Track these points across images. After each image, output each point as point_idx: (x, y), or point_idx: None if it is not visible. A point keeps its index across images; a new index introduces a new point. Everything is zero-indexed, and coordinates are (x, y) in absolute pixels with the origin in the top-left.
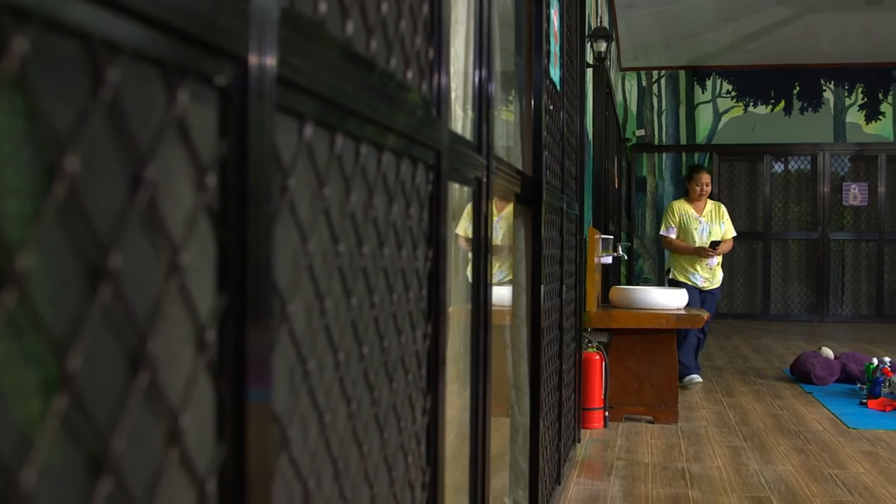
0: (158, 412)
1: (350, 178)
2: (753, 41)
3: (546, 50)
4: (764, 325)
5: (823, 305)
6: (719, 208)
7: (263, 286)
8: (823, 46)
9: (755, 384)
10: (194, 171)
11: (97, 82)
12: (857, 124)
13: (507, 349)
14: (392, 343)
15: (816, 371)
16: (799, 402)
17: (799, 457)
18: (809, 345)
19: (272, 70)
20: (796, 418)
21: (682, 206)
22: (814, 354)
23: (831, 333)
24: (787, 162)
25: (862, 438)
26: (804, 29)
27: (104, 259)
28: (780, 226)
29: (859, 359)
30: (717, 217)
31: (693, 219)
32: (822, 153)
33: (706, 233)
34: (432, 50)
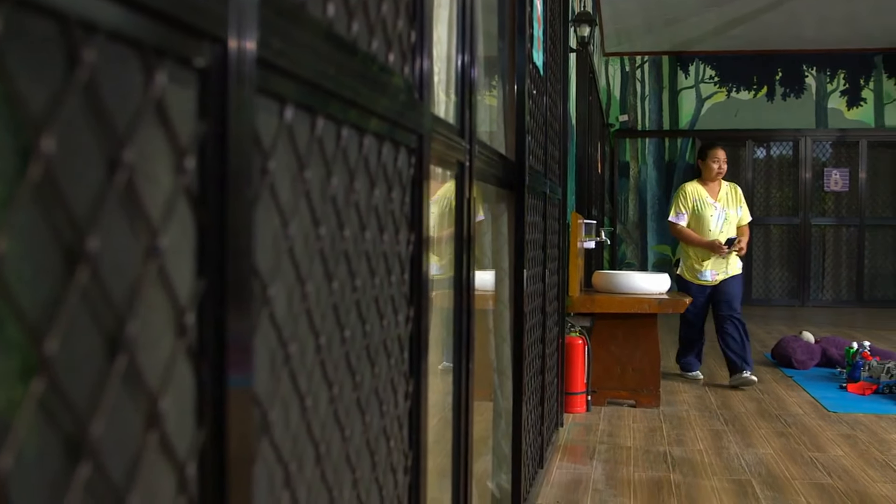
0: (137, 396)
1: (331, 161)
2: (736, 27)
3: (529, 34)
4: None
5: (804, 290)
6: (735, 191)
7: (244, 269)
8: (806, 32)
9: None
10: (173, 153)
11: (73, 63)
12: (839, 110)
13: (490, 333)
14: (374, 327)
15: (797, 355)
16: (780, 386)
17: (779, 440)
18: (790, 329)
19: (252, 52)
20: (777, 402)
21: (696, 189)
22: (794, 339)
23: (812, 318)
24: (769, 147)
25: (842, 422)
26: (787, 15)
27: (81, 242)
28: (762, 211)
29: (839, 343)
30: (735, 201)
31: (707, 204)
32: (804, 139)
33: (722, 219)
34: (415, 33)
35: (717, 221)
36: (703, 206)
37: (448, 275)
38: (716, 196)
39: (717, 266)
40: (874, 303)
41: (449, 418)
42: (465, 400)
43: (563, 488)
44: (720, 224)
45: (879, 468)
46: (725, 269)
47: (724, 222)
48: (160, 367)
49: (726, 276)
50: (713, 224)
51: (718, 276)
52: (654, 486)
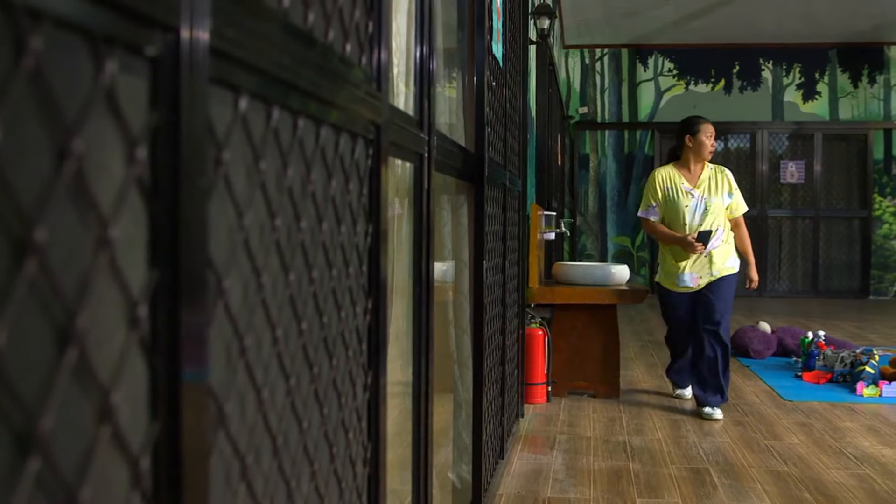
0: (89, 390)
1: (287, 152)
2: (695, 20)
3: (489, 26)
4: None
5: (761, 281)
6: (722, 175)
7: (198, 261)
8: (763, 26)
9: None
10: (124, 142)
11: (20, 51)
12: (795, 103)
13: (450, 325)
14: (332, 318)
15: (754, 345)
16: (737, 375)
17: (737, 429)
18: (747, 319)
19: (205, 41)
20: (734, 391)
21: (669, 175)
22: (751, 329)
23: (769, 308)
24: (727, 140)
25: (797, 410)
26: (744, 9)
27: (30, 233)
28: None
29: (795, 333)
30: (720, 186)
31: (682, 191)
32: (761, 131)
33: (701, 210)
34: (372, 24)
35: (693, 212)
36: (676, 195)
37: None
38: (695, 182)
39: (697, 267)
40: (829, 293)
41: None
42: (425, 391)
43: (523, 478)
44: (698, 215)
45: (834, 455)
46: (710, 270)
47: (705, 214)
48: (112, 360)
49: (711, 279)
50: (689, 215)
51: (701, 279)
52: (614, 475)
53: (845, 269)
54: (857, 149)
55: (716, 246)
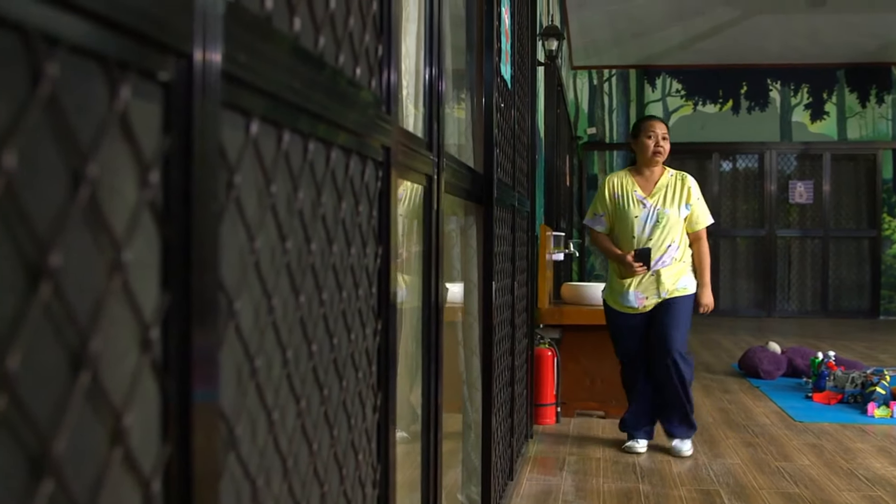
0: (101, 412)
1: (298, 174)
2: (702, 41)
3: (497, 48)
4: (712, 321)
5: (770, 301)
6: (683, 182)
7: (209, 284)
8: (770, 47)
9: (704, 379)
10: (137, 167)
11: (36, 77)
12: (803, 123)
13: (460, 346)
14: (342, 340)
15: (764, 366)
16: (747, 396)
17: (747, 450)
18: (757, 340)
19: (217, 66)
20: (744, 412)
21: (622, 181)
22: (761, 349)
23: (778, 328)
24: (735, 160)
25: (808, 431)
26: (751, 30)
27: (44, 257)
28: (729, 223)
29: (805, 353)
30: (677, 196)
31: (633, 200)
32: (769, 152)
33: (651, 222)
34: (382, 47)
35: (643, 224)
36: (626, 204)
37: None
38: (649, 189)
39: (644, 286)
40: (839, 313)
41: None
42: (435, 412)
43: (533, 500)
44: (648, 228)
45: (845, 477)
46: (657, 291)
47: (657, 227)
48: (125, 382)
49: (659, 301)
50: (637, 227)
51: (648, 300)
52: (624, 496)
53: (855, 289)
54: (865, 168)
55: (666, 264)
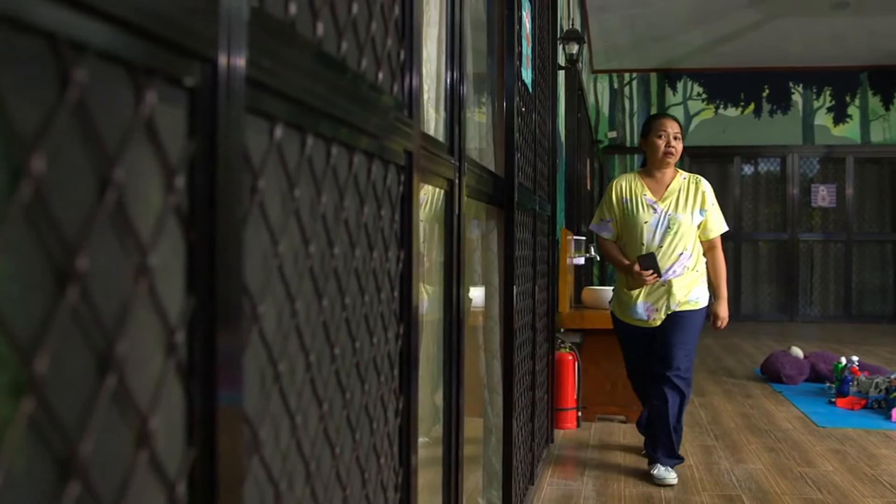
0: (127, 415)
1: (321, 179)
2: (723, 44)
3: (518, 52)
4: (734, 325)
5: (793, 305)
6: (697, 185)
7: (233, 287)
8: (792, 50)
9: (726, 384)
10: (163, 171)
11: (64, 83)
12: (826, 127)
13: (481, 350)
14: (364, 344)
15: (786, 370)
16: (769, 401)
17: (769, 455)
18: (779, 344)
19: (241, 71)
20: (767, 417)
21: (631, 184)
22: (784, 354)
23: (801, 333)
24: (756, 164)
25: (831, 437)
26: (773, 32)
27: (72, 261)
28: (751, 227)
29: (828, 358)
30: (690, 200)
31: (643, 205)
32: (792, 155)
33: (663, 229)
34: (404, 51)
35: (653, 231)
36: (635, 208)
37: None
38: (660, 193)
39: (654, 297)
40: (862, 318)
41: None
42: (456, 416)
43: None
44: (658, 235)
45: (869, 483)
46: (667, 303)
47: (668, 233)
48: (150, 385)
49: (668, 314)
50: (647, 234)
51: (657, 312)
52: (645, 501)
53: (878, 293)
54: (889, 171)
55: (678, 273)
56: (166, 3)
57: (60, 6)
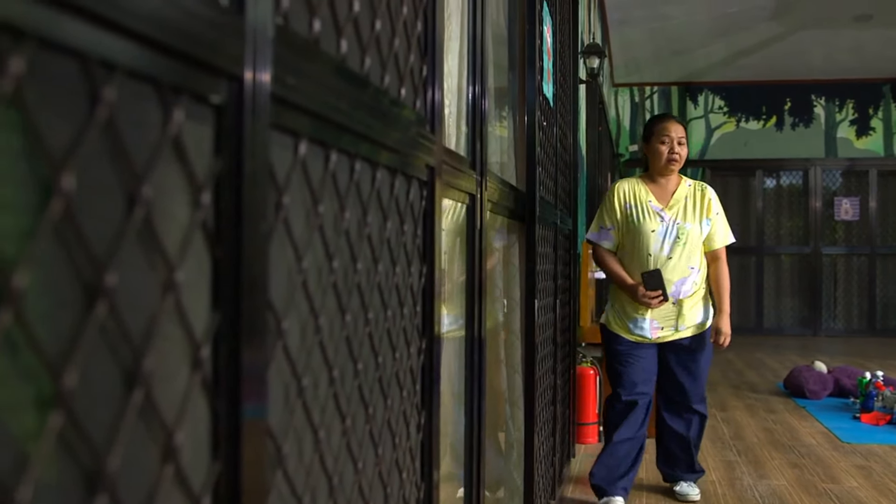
0: (154, 429)
1: (344, 194)
2: (745, 57)
3: (539, 67)
4: (757, 340)
5: (816, 320)
6: (703, 193)
7: (258, 303)
8: (814, 62)
9: (749, 398)
10: (190, 188)
11: (94, 101)
12: (848, 139)
13: (502, 364)
14: (386, 359)
15: (810, 385)
16: (793, 416)
17: (793, 471)
18: (802, 359)
19: (266, 88)
20: (790, 432)
21: (634, 189)
22: (807, 368)
23: (824, 347)
24: (779, 177)
25: (855, 453)
26: (795, 45)
27: (101, 276)
28: (773, 240)
29: (852, 373)
30: (700, 209)
31: (649, 212)
32: (814, 168)
33: (671, 239)
34: (426, 67)
35: (661, 241)
36: (641, 215)
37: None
38: (666, 200)
39: (662, 314)
40: (887, 332)
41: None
42: (478, 432)
43: None
44: (667, 246)
45: (894, 500)
46: (675, 323)
47: (676, 244)
48: (176, 399)
49: (674, 336)
50: (654, 245)
51: (663, 331)
52: None
53: None
54: None
55: (689, 292)
56: (194, 22)
57: (90, 26)
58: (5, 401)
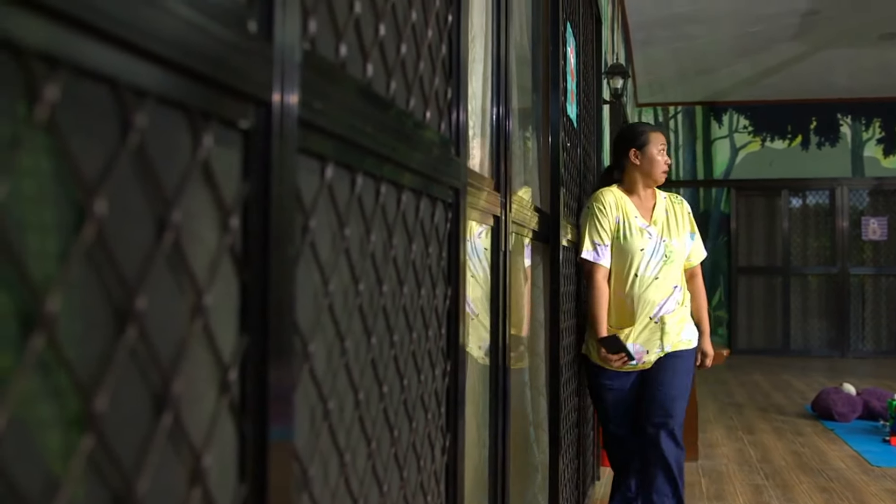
0: (182, 452)
1: (370, 217)
2: (769, 76)
3: (563, 88)
4: (784, 361)
5: (844, 341)
6: (681, 206)
7: (285, 326)
8: (839, 81)
9: (776, 421)
10: (218, 212)
11: (125, 127)
12: (875, 158)
13: (526, 386)
14: (412, 381)
15: (838, 408)
16: (821, 439)
17: (822, 495)
18: (830, 381)
19: (294, 112)
20: (818, 456)
21: (619, 202)
22: (835, 391)
23: (853, 369)
24: (805, 196)
25: (886, 476)
26: (819, 64)
27: (131, 300)
28: (799, 261)
29: (881, 395)
30: (679, 223)
31: (636, 228)
32: (841, 187)
33: (659, 256)
34: (451, 89)
35: (648, 260)
36: (628, 232)
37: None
38: (649, 216)
39: (645, 337)
40: None
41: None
42: (502, 455)
43: None
44: (654, 265)
45: None
46: (660, 343)
47: (664, 262)
48: (204, 422)
49: (661, 356)
50: (642, 264)
51: (649, 354)
52: None
53: None
54: None
55: (671, 310)
56: (224, 48)
57: (121, 53)
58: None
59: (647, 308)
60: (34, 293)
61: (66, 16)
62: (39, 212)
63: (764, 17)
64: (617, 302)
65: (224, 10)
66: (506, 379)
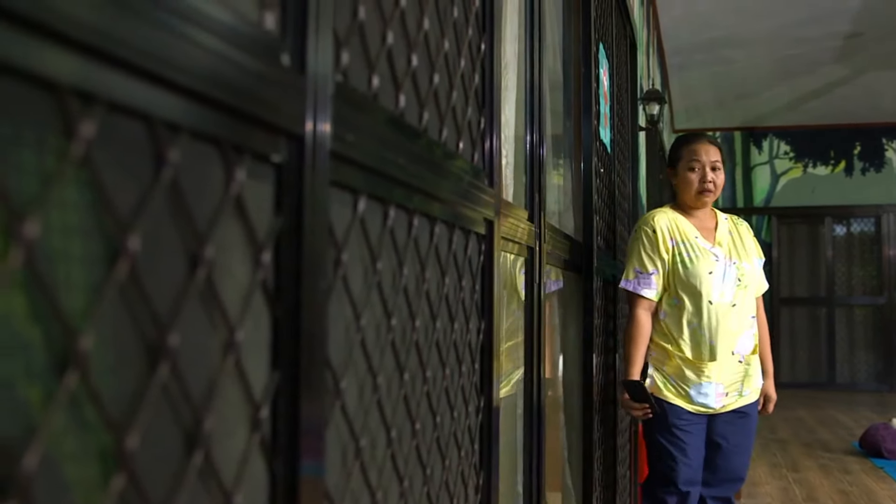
0: (212, 490)
1: (402, 250)
2: (810, 101)
3: (596, 111)
4: (829, 396)
5: (893, 374)
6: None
7: (317, 362)
8: (884, 104)
9: (822, 458)
10: (251, 247)
11: (159, 162)
12: None
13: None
14: (444, 418)
15: (887, 444)
16: (869, 477)
17: None
18: (879, 416)
19: (326, 145)
20: (867, 495)
21: (675, 223)
22: (884, 426)
23: None
24: (849, 224)
25: None
26: (863, 88)
27: (164, 337)
28: (844, 290)
29: None
30: (745, 245)
31: (701, 250)
32: (887, 214)
33: (729, 282)
34: (484, 119)
35: (720, 285)
36: (692, 255)
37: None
38: (712, 236)
39: (728, 375)
40: None
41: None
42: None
43: None
44: (728, 291)
45: None
46: (739, 387)
47: (738, 288)
48: (235, 460)
49: (739, 402)
50: (714, 290)
51: (728, 397)
52: None
53: None
54: None
55: (749, 348)
56: (257, 82)
57: (155, 88)
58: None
59: (727, 341)
60: (68, 329)
61: (98, 51)
62: (74, 246)
63: (804, 39)
64: (691, 334)
65: (257, 43)
66: (540, 416)
